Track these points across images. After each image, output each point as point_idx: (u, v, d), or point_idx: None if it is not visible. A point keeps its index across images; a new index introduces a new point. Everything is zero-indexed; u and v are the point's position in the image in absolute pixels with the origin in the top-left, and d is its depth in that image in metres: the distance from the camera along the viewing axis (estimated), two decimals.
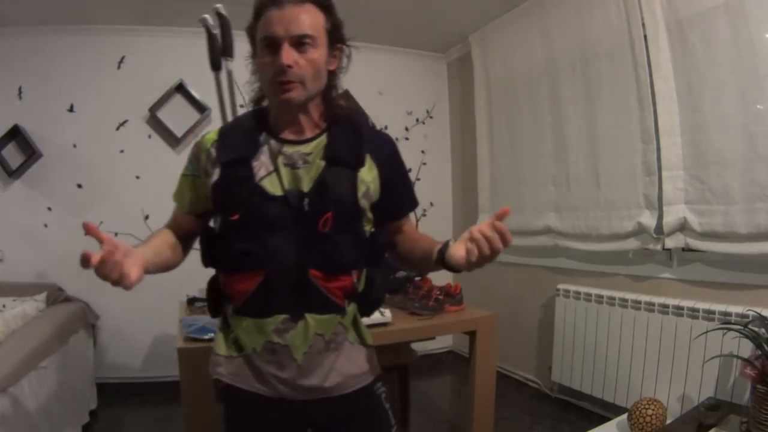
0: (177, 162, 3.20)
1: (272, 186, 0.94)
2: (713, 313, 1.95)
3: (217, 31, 1.97)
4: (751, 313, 1.77)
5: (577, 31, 2.62)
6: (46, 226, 3.07)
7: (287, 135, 0.98)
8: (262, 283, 0.93)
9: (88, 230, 0.75)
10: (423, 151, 3.84)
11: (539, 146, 2.92)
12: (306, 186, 0.94)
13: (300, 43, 0.89)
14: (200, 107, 3.23)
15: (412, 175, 3.66)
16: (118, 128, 3.16)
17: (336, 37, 0.97)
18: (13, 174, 2.97)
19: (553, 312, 2.76)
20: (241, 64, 1.14)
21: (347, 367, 1.01)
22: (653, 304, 2.19)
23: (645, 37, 2.23)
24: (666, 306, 2.14)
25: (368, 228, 1.03)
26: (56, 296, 2.87)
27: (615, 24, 2.38)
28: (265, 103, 1.04)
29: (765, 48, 1.82)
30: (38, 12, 2.85)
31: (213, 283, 1.05)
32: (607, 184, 2.48)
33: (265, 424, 0.99)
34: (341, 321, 0.99)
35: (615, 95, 2.42)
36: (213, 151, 0.99)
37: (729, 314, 1.89)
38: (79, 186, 3.12)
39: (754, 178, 1.86)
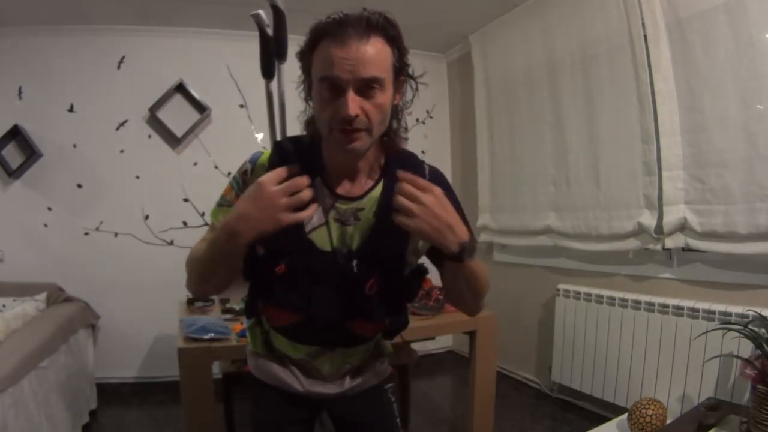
0: (177, 162, 3.23)
1: (321, 240, 0.90)
2: (713, 313, 1.95)
3: (270, 29, 1.67)
4: (751, 313, 1.77)
5: (577, 31, 2.62)
6: (46, 226, 3.07)
7: (341, 190, 0.91)
8: (299, 323, 0.95)
9: None
10: (423, 151, 3.82)
11: (539, 146, 2.92)
12: (355, 243, 0.90)
13: (367, 87, 0.78)
14: (200, 107, 3.23)
15: None
16: (118, 128, 3.17)
17: (401, 70, 0.86)
18: (13, 174, 2.97)
19: (553, 312, 2.76)
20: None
21: (367, 377, 1.06)
22: (653, 304, 2.19)
23: (645, 37, 2.23)
24: (666, 306, 2.14)
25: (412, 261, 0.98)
26: (56, 296, 2.87)
27: (615, 24, 2.38)
28: None
29: (765, 48, 1.82)
30: (38, 12, 2.85)
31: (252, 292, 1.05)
32: (607, 184, 2.48)
33: (283, 406, 1.05)
34: (368, 347, 1.04)
35: (615, 95, 2.42)
36: None
37: (729, 314, 1.89)
38: (79, 186, 3.12)
39: (754, 178, 1.86)
